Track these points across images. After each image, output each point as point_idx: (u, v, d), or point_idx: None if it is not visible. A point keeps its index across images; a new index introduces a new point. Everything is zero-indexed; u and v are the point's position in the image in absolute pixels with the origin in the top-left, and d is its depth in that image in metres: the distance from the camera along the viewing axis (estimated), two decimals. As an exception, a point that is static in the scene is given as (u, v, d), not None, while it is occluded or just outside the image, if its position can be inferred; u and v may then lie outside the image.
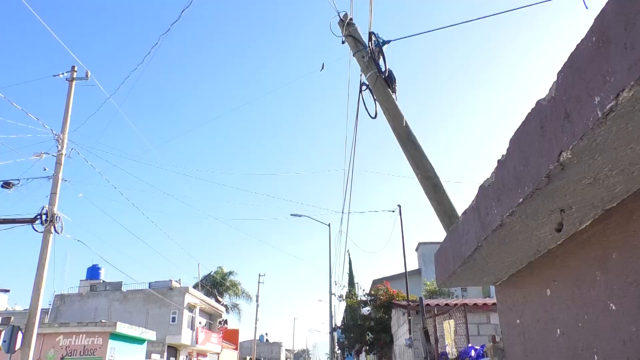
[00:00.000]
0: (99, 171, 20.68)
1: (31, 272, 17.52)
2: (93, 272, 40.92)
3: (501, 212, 2.78)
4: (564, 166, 2.09)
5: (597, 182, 2.27)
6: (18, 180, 16.84)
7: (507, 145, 2.67)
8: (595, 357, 2.85)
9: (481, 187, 3.15)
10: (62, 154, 17.82)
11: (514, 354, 4.30)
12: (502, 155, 2.79)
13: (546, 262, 3.49)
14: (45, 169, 17.62)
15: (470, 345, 7.21)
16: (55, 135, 17.87)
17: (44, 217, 16.47)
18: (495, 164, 2.93)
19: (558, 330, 3.35)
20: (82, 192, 23.04)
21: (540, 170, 2.23)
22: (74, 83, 19.34)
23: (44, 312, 31.12)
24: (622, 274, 2.55)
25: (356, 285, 22.29)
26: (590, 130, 1.80)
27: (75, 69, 19.61)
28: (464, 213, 3.66)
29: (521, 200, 2.49)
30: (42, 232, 16.66)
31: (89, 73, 19.66)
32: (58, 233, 16.87)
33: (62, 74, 19.30)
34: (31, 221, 16.54)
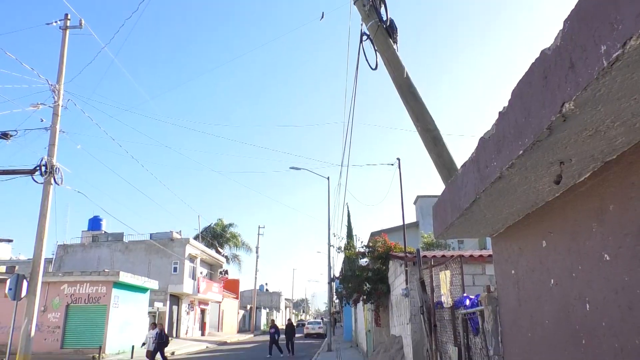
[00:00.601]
0: (96, 123, 20.50)
1: (33, 222, 17.73)
2: (94, 223, 41.36)
3: (501, 164, 2.78)
4: (566, 118, 2.07)
5: (598, 134, 2.25)
6: (16, 131, 16.74)
7: (509, 97, 2.63)
8: (587, 306, 2.92)
9: (481, 139, 3.14)
10: (58, 104, 17.62)
11: (507, 303, 4.40)
12: (504, 107, 2.76)
13: (543, 214, 3.52)
14: (42, 120, 17.49)
15: (465, 295, 7.38)
16: (51, 85, 17.62)
17: (43, 168, 16.46)
18: (496, 116, 2.91)
19: (552, 280, 3.42)
20: (80, 144, 22.97)
21: (541, 121, 2.21)
22: (67, 32, 18.88)
23: (48, 261, 31.72)
24: (618, 226, 2.57)
25: (354, 237, 22.61)
26: (594, 80, 1.77)
27: (69, 17, 19.09)
28: (463, 165, 3.66)
29: (521, 152, 2.48)
30: (42, 183, 16.70)
31: (83, 21, 19.16)
32: (58, 184, 16.92)
33: (56, 22, 18.82)
34: (31, 172, 16.54)
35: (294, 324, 27.14)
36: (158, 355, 18.64)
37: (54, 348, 23.45)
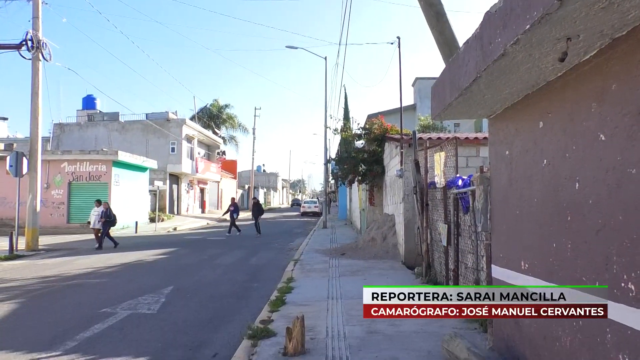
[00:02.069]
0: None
1: (28, 100, 17.28)
2: (88, 102, 40.86)
3: (505, 40, 2.67)
4: (579, -13, 1.94)
5: (611, 6, 2.13)
6: (-4, 3, 15.83)
7: (521, -35, 2.45)
8: (577, 185, 3.00)
9: (487, 14, 2.98)
10: (38, -27, 16.47)
11: (499, 183, 4.52)
12: (514, -23, 2.59)
13: (543, 94, 3.47)
14: (23, -9, 16.48)
15: (458, 175, 7.55)
16: (28, -50, 16.31)
17: (29, 43, 15.84)
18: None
19: (545, 161, 3.47)
20: (65, 18, 21.84)
21: (553, -8, 2.08)
22: None
23: (45, 140, 31.85)
24: (618, 105, 2.55)
25: (351, 119, 22.41)
26: (616, -57, 1.63)
27: None
28: (466, 42, 3.52)
29: (528, 27, 2.36)
30: (30, 59, 16.20)
31: None
32: (47, 61, 16.41)
33: None
34: (17, 47, 15.95)
35: (261, 203, 25.04)
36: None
37: (60, 223, 24.48)
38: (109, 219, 17.06)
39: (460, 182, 7.07)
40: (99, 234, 16.99)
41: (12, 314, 7.30)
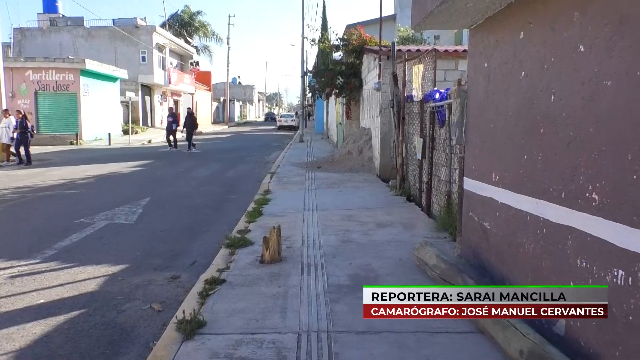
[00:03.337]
0: None
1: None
2: (49, 4, 38.24)
3: (492, -58, 2.54)
4: None
5: None
6: None
7: None
8: (552, 97, 3.01)
9: None
10: None
11: (476, 96, 4.51)
12: None
13: (526, 3, 3.37)
14: None
15: (435, 89, 7.50)
16: None
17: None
18: None
19: (523, 73, 3.45)
20: None
21: None
22: None
23: (6, 46, 30.16)
24: (600, 15, 2.50)
25: (329, 29, 21.63)
26: None
27: None
28: (451, -55, 3.35)
29: None
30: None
31: None
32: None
33: None
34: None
35: (195, 115, 22.35)
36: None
37: (29, 134, 23.90)
38: (24, 130, 15.00)
39: (437, 96, 7.04)
40: (10, 150, 15.09)
41: (-13, 224, 7.29)
